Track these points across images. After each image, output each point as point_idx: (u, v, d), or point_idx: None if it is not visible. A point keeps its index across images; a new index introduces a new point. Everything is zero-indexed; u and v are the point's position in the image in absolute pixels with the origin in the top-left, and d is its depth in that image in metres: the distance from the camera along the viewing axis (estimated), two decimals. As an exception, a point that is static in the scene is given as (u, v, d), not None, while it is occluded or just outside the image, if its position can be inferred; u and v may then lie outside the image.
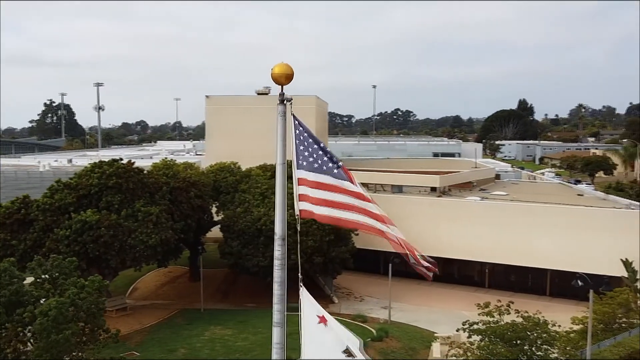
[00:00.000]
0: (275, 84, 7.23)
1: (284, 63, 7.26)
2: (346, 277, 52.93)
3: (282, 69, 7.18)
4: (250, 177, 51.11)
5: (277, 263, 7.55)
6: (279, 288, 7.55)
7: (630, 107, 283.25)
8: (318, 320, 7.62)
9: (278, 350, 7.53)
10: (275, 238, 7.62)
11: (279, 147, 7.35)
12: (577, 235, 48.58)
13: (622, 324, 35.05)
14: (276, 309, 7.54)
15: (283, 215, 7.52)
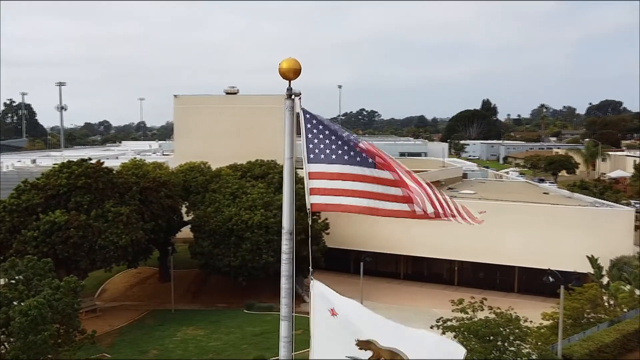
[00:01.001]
0: (283, 78, 7.24)
1: (291, 58, 7.29)
2: (317, 277, 52.87)
3: (290, 64, 7.20)
4: (221, 176, 50.86)
5: (284, 257, 7.57)
6: (287, 282, 7.57)
7: (590, 108, 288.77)
8: (330, 313, 7.61)
9: (286, 344, 7.54)
10: (282, 232, 7.63)
11: (286, 142, 7.36)
12: (544, 232, 49.39)
13: (590, 319, 35.81)
14: (284, 303, 7.55)
15: (291, 210, 7.55)
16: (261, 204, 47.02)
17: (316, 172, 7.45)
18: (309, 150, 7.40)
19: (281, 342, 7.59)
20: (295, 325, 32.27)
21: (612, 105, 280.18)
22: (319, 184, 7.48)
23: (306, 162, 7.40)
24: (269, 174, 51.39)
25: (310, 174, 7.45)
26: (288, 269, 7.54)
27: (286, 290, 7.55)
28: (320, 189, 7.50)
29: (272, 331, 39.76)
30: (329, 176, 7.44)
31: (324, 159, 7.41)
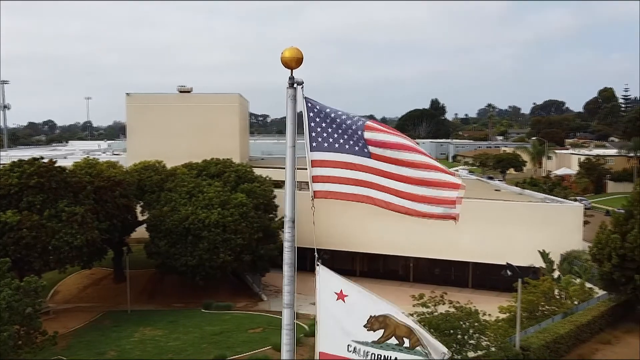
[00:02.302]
0: (285, 67, 7.26)
1: (294, 47, 7.33)
2: (273, 275, 52.90)
3: (293, 53, 7.24)
4: (176, 175, 50.33)
5: (287, 245, 7.62)
6: (289, 269, 7.61)
7: (534, 107, 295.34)
8: (336, 297, 7.66)
9: (288, 332, 7.57)
10: (285, 220, 7.69)
11: (288, 130, 7.40)
12: (497, 228, 50.40)
13: (545, 312, 36.70)
14: (286, 291, 7.59)
15: (293, 198, 7.60)
16: (218, 202, 46.74)
17: (318, 160, 7.52)
18: (312, 138, 7.47)
19: (283, 329, 7.63)
20: (254, 324, 32.64)
21: (555, 105, 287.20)
22: (321, 171, 7.55)
23: (309, 150, 7.47)
24: (224, 172, 51.07)
25: (312, 162, 7.52)
26: (290, 257, 7.61)
27: (289, 277, 7.61)
28: (323, 177, 7.58)
29: (231, 330, 39.65)
30: (331, 164, 7.52)
31: (326, 147, 7.48)
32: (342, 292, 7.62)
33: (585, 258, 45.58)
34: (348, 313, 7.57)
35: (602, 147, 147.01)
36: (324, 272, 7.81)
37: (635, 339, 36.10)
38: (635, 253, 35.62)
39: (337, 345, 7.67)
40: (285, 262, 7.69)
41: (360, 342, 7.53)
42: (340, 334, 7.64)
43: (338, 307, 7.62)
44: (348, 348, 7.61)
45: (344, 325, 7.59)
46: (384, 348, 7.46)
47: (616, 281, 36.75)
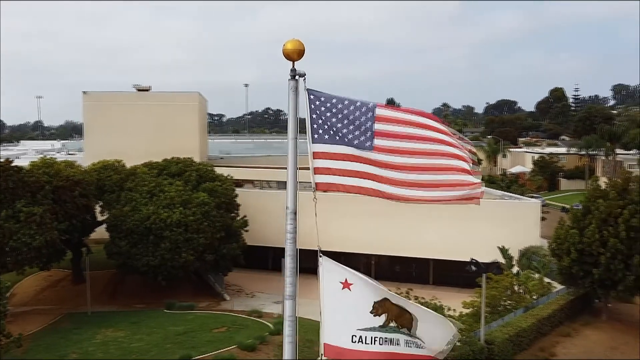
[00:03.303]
0: (287, 59, 7.30)
1: (296, 39, 7.36)
2: (236, 275, 52.78)
3: (295, 44, 7.28)
4: (136, 175, 49.67)
5: (289, 237, 7.66)
6: (291, 261, 7.65)
7: (487, 107, 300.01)
8: (342, 287, 7.74)
9: (291, 324, 7.59)
10: (287, 212, 7.71)
11: (290, 122, 7.43)
12: (458, 225, 51.09)
13: (507, 306, 37.42)
14: (288, 282, 7.62)
15: (294, 190, 7.64)
16: (179, 202, 46.37)
17: (320, 152, 7.57)
18: (314, 130, 7.51)
19: (286, 321, 7.66)
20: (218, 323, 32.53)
21: (508, 105, 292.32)
22: (322, 163, 7.60)
23: (310, 142, 7.51)
24: (185, 171, 50.66)
25: (314, 154, 7.56)
26: (292, 249, 7.65)
27: (290, 269, 7.65)
28: (324, 169, 7.63)
29: (195, 330, 39.33)
30: (333, 156, 7.58)
31: (327, 140, 7.53)
32: (347, 281, 7.70)
33: (543, 253, 46.61)
34: (355, 301, 7.67)
35: (554, 146, 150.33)
36: (327, 263, 7.89)
37: (593, 332, 37.12)
38: (592, 248, 36.55)
39: (341, 336, 7.74)
40: (287, 254, 7.74)
41: (367, 329, 7.64)
42: (345, 324, 7.73)
43: (345, 296, 7.71)
44: (352, 339, 7.70)
45: (351, 313, 7.69)
46: (389, 332, 7.63)
47: (575, 275, 37.65)
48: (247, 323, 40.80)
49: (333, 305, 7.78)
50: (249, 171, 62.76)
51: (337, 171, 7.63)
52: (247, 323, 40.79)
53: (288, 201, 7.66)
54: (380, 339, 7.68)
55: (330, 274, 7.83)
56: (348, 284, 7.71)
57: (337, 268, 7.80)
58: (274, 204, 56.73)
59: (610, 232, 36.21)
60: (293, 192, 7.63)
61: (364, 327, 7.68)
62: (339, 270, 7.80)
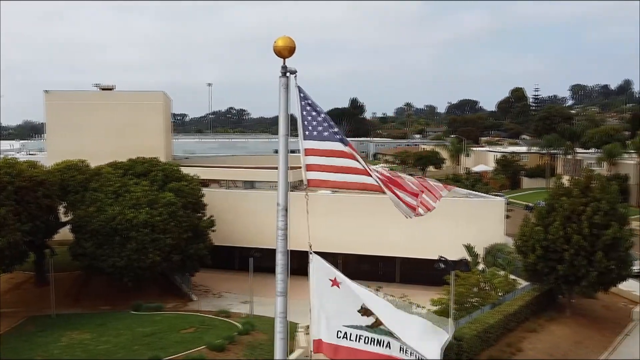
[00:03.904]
0: (278, 56, 7.32)
1: (287, 36, 7.39)
2: (202, 275, 52.41)
3: (286, 42, 7.31)
4: (101, 175, 48.99)
5: (280, 233, 7.67)
6: (282, 257, 7.67)
7: (450, 106, 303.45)
8: (331, 284, 7.79)
9: (282, 320, 7.61)
10: (278, 209, 7.73)
11: (281, 119, 7.46)
12: (424, 223, 51.33)
13: (474, 303, 37.90)
14: (280, 279, 7.64)
15: (285, 187, 7.66)
16: (146, 202, 45.88)
17: (311, 149, 7.62)
18: (305, 127, 7.56)
19: (277, 317, 7.68)
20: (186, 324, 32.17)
21: (469, 104, 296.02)
22: (314, 160, 7.65)
23: (302, 139, 7.56)
24: (151, 171, 50.11)
25: (306, 151, 7.61)
26: (283, 245, 7.67)
27: (282, 266, 7.68)
28: (316, 166, 7.68)
29: (163, 331, 38.98)
30: (323, 153, 7.64)
31: (316, 136, 7.59)
32: (336, 280, 7.75)
33: (507, 251, 47.30)
34: (343, 298, 7.72)
35: (515, 145, 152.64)
36: (317, 260, 7.93)
37: (558, 327, 37.87)
38: (557, 244, 37.32)
39: (328, 332, 7.79)
40: (278, 251, 7.76)
41: (353, 326, 7.67)
42: (332, 320, 7.78)
43: (333, 293, 7.76)
44: (337, 334, 7.74)
45: (338, 310, 7.74)
46: (377, 332, 7.64)
47: (540, 272, 38.36)
48: (216, 323, 40.57)
49: (321, 301, 7.84)
50: (215, 171, 62.37)
51: (327, 167, 7.70)
52: (215, 323, 40.56)
53: (279, 198, 7.69)
54: (366, 337, 7.72)
55: (320, 271, 7.89)
56: (337, 282, 7.78)
57: (327, 266, 7.86)
58: (240, 203, 56.62)
59: (573, 229, 37.01)
60: (284, 188, 7.66)
61: (350, 325, 7.72)
62: (329, 269, 7.86)
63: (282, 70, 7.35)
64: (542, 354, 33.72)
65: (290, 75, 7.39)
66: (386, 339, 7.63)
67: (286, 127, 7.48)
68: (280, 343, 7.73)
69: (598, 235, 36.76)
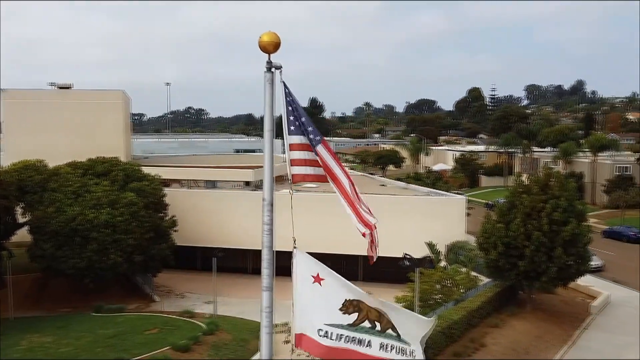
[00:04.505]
0: (263, 52, 7.32)
1: (272, 32, 7.39)
2: (164, 275, 51.91)
3: (271, 37, 7.31)
4: (60, 175, 48.12)
5: (266, 228, 7.68)
6: (268, 252, 7.69)
7: (408, 106, 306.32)
8: (312, 280, 7.81)
9: (268, 314, 7.61)
10: (264, 204, 7.72)
11: (266, 114, 7.46)
12: (386, 222, 51.64)
13: (437, 300, 38.34)
14: (265, 274, 7.65)
15: (271, 181, 7.67)
16: (107, 202, 45.26)
17: (297, 144, 7.65)
18: (290, 122, 7.59)
19: (263, 312, 7.68)
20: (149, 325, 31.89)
21: (428, 104, 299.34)
22: (299, 155, 7.69)
23: (287, 134, 7.58)
24: (112, 171, 49.45)
25: (291, 146, 7.64)
26: (269, 240, 7.69)
27: (267, 260, 7.70)
28: (301, 160, 7.71)
29: (126, 332, 38.50)
30: (307, 147, 7.67)
31: (303, 132, 7.62)
32: (319, 276, 7.79)
33: (469, 248, 47.94)
34: (324, 296, 7.74)
35: (473, 144, 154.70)
36: (300, 256, 7.96)
37: (519, 322, 38.53)
38: (518, 241, 37.98)
39: (311, 328, 7.81)
40: (264, 246, 7.78)
41: (334, 325, 7.70)
42: (314, 317, 7.79)
43: (315, 291, 7.78)
44: (319, 332, 7.76)
45: (320, 308, 7.75)
46: (358, 331, 7.69)
47: (501, 268, 38.98)
48: (179, 324, 40.24)
49: (304, 297, 7.86)
50: (176, 170, 61.82)
51: (310, 162, 7.74)
52: (179, 324, 40.23)
53: (265, 192, 7.69)
54: (346, 337, 7.74)
55: (302, 266, 7.91)
56: (319, 279, 7.81)
57: (310, 262, 7.90)
58: (202, 203, 56.25)
59: (534, 226, 37.70)
60: (270, 183, 7.67)
61: (331, 323, 7.76)
62: (312, 264, 7.90)
63: (267, 65, 7.37)
64: (504, 349, 34.27)
65: (276, 71, 7.41)
66: (367, 338, 7.69)
67: (271, 122, 7.50)
68: (266, 338, 7.75)
69: (557, 231, 37.51)
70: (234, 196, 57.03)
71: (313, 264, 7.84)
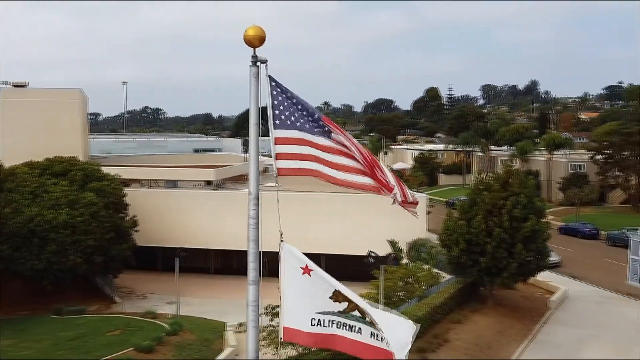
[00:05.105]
0: (248, 46, 7.30)
1: (257, 25, 7.39)
2: (125, 276, 51.24)
3: (256, 31, 7.30)
4: (16, 175, 47.09)
5: (251, 222, 7.65)
6: (254, 246, 7.66)
7: (366, 106, 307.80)
8: (302, 272, 7.82)
9: (254, 308, 7.60)
10: (250, 198, 7.69)
11: (252, 108, 7.45)
12: (348, 220, 52.13)
13: (401, 297, 38.65)
14: (251, 267, 7.62)
15: (257, 175, 7.65)
16: (66, 202, 44.50)
17: (282, 138, 7.65)
18: (275, 116, 7.59)
19: (249, 306, 7.66)
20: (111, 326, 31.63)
21: (386, 104, 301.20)
22: (284, 149, 7.69)
23: (272, 128, 7.58)
24: (70, 170, 48.63)
25: (276, 140, 7.64)
26: (254, 234, 7.67)
27: (253, 254, 7.68)
28: (287, 154, 7.72)
29: (88, 334, 37.94)
30: (294, 141, 7.69)
31: (289, 125, 7.64)
32: (308, 267, 7.81)
33: (430, 245, 48.47)
34: (314, 286, 7.77)
35: (431, 143, 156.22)
36: (288, 248, 7.96)
37: (481, 317, 39.13)
38: (479, 238, 38.55)
39: (301, 320, 7.84)
40: (250, 239, 7.76)
41: (326, 312, 7.75)
42: (305, 308, 7.82)
43: (304, 281, 7.80)
44: (312, 322, 7.80)
45: (310, 298, 7.78)
46: (349, 318, 7.73)
47: (463, 264, 39.52)
48: (142, 324, 39.82)
49: (293, 290, 7.87)
50: (136, 170, 61.03)
51: (297, 156, 7.76)
52: (141, 324, 39.81)
53: (250, 186, 7.68)
54: (338, 322, 7.79)
55: (290, 259, 7.92)
56: (308, 270, 7.84)
57: (298, 254, 7.91)
58: (163, 202, 55.70)
59: (495, 222, 38.31)
60: (255, 177, 7.67)
61: (323, 311, 7.80)
62: (300, 256, 7.91)
63: (253, 59, 7.37)
64: (467, 344, 34.77)
65: (261, 65, 7.41)
66: (357, 325, 7.74)
67: (257, 116, 7.50)
68: (252, 332, 7.73)
69: (518, 227, 38.18)
70: (196, 196, 56.63)
71: (300, 256, 7.86)
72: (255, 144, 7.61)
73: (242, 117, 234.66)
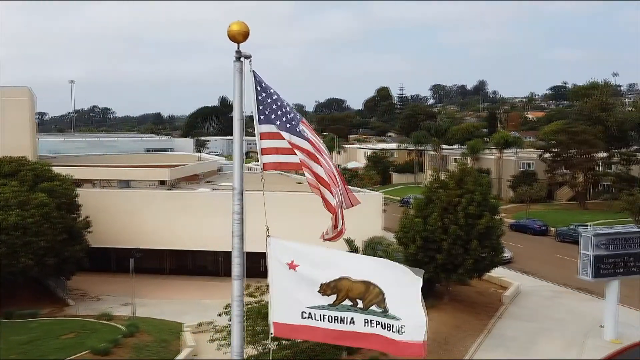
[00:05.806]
0: (232, 41, 7.30)
1: (241, 21, 7.38)
2: (78, 278, 50.21)
3: (240, 26, 7.30)
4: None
5: (236, 217, 7.64)
6: (238, 241, 7.65)
7: (318, 105, 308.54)
8: (288, 267, 7.85)
9: (239, 303, 7.59)
10: (234, 193, 7.69)
11: (235, 103, 7.45)
12: (305, 219, 51.94)
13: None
14: (236, 262, 7.61)
15: (241, 170, 7.65)
16: (15, 203, 43.42)
17: (267, 133, 7.68)
18: (260, 111, 7.61)
19: (234, 301, 7.66)
20: (65, 329, 31.16)
21: (337, 103, 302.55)
22: (269, 143, 7.72)
23: (257, 123, 7.59)
24: (20, 171, 47.47)
25: (261, 135, 7.66)
26: (239, 229, 7.67)
27: (238, 249, 7.67)
28: (272, 149, 7.75)
29: (41, 338, 37.12)
30: (278, 136, 7.72)
31: (273, 120, 7.66)
32: (294, 263, 7.85)
33: (386, 243, 48.84)
34: (300, 282, 7.81)
35: (383, 142, 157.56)
36: (275, 243, 7.99)
37: (438, 313, 39.61)
38: (435, 235, 39.07)
39: (290, 314, 7.87)
40: (234, 235, 7.76)
41: (316, 307, 7.79)
42: (294, 302, 7.86)
43: (290, 277, 7.84)
44: (302, 315, 7.85)
45: (297, 293, 7.82)
46: (340, 310, 7.80)
47: (420, 261, 39.89)
48: (97, 327, 39.13)
49: (281, 284, 7.90)
50: (88, 170, 60.00)
51: (282, 150, 7.81)
52: (97, 327, 39.11)
53: (235, 181, 7.68)
54: (329, 316, 7.85)
55: (277, 254, 7.96)
56: (294, 265, 7.88)
57: (284, 249, 7.94)
58: (116, 203, 54.81)
59: (450, 220, 38.89)
60: (239, 172, 7.68)
61: (313, 305, 7.85)
62: (286, 251, 7.94)
63: (237, 54, 7.37)
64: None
65: (245, 60, 7.41)
66: (349, 315, 7.82)
67: (241, 111, 7.51)
68: (238, 327, 7.73)
69: (473, 224, 38.84)
70: (149, 196, 55.93)
71: (287, 251, 7.90)
72: (239, 140, 7.62)
73: (194, 117, 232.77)
